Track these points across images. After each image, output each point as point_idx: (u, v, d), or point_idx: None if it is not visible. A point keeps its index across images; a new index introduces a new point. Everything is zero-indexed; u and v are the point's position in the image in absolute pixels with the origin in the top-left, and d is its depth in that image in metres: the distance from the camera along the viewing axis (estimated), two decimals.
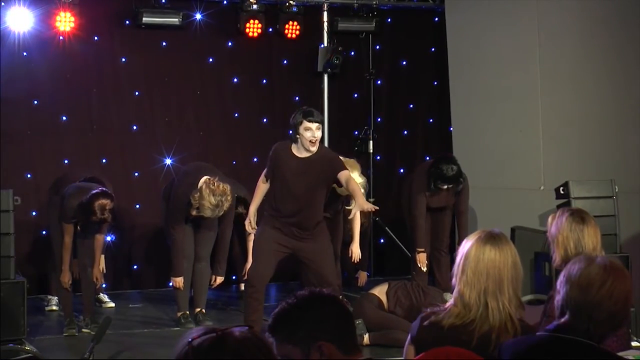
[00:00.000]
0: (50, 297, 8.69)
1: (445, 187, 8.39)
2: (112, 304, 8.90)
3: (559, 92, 8.92)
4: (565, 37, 8.88)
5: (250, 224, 7.21)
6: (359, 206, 6.73)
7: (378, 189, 10.49)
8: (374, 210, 6.84)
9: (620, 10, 8.56)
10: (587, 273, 3.14)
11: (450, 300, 3.66)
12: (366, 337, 7.42)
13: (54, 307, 8.59)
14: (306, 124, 6.91)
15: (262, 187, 7.22)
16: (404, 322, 7.23)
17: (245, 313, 7.17)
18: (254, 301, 7.09)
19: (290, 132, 7.04)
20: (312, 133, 6.90)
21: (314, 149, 6.96)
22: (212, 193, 7.57)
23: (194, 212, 7.73)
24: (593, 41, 8.72)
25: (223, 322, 8.01)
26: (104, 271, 8.38)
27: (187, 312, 8.10)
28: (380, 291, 7.70)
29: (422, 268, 8.42)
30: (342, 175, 6.93)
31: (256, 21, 9.82)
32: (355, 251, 8.41)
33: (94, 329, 7.38)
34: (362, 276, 9.46)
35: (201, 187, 7.61)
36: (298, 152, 7.00)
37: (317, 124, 6.95)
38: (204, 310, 8.21)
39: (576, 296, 3.12)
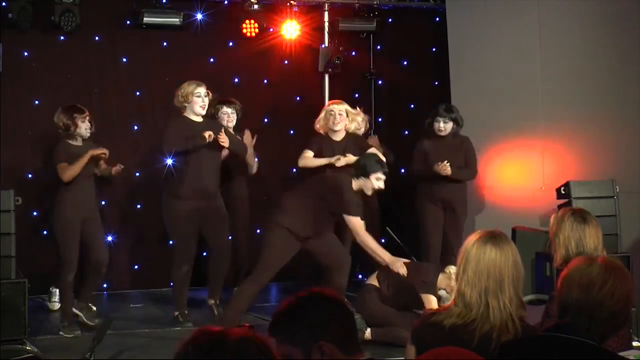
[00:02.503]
0: (53, 289, 8.52)
1: (441, 123, 8.53)
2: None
3: (559, 91, 8.93)
4: (565, 37, 8.89)
5: None
6: None
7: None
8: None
9: (620, 10, 8.59)
10: (588, 273, 3.17)
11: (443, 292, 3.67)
12: (367, 332, 7.43)
13: (58, 305, 8.37)
14: (379, 175, 7.26)
15: None
16: (408, 318, 7.23)
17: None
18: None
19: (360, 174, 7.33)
20: (381, 184, 7.30)
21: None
22: (190, 82, 7.98)
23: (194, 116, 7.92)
24: (594, 41, 8.74)
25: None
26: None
27: (185, 312, 8.08)
28: (373, 278, 7.68)
29: None
30: None
31: (257, 21, 9.81)
32: None
33: (88, 316, 7.51)
34: None
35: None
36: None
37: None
38: (218, 302, 8.18)
39: (577, 296, 3.15)
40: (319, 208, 7.32)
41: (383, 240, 10.53)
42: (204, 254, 8.57)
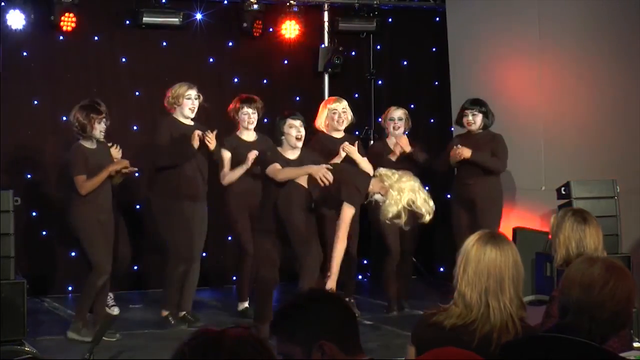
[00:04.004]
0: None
1: (470, 116, 8.37)
2: (117, 311, 8.26)
3: (560, 91, 8.89)
4: (566, 37, 8.86)
5: None
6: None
7: None
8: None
9: (621, 10, 8.56)
10: (589, 273, 3.17)
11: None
12: None
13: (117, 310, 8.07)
14: (290, 121, 7.38)
15: None
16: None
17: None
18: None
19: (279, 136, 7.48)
20: (295, 130, 7.35)
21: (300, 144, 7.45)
22: (182, 83, 8.01)
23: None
24: (594, 41, 8.70)
25: (221, 324, 7.97)
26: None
27: (175, 312, 8.03)
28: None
29: None
30: None
31: (257, 21, 9.79)
32: None
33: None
34: None
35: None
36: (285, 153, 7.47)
37: (299, 121, 7.44)
38: (190, 311, 8.11)
39: (578, 296, 3.15)
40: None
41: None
42: (204, 254, 8.51)
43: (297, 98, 10.29)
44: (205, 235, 8.14)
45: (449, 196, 9.72)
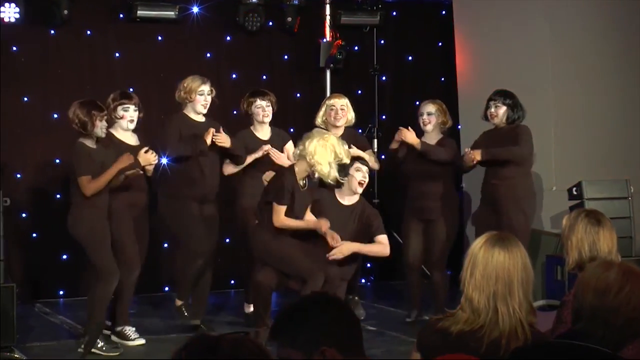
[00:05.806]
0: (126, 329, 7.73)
1: (492, 108, 7.90)
2: (142, 341, 7.67)
3: (570, 89, 8.80)
4: (576, 34, 8.79)
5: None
6: None
7: (383, 189, 10.24)
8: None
9: (631, 8, 8.66)
10: (605, 278, 3.18)
11: None
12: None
13: (137, 342, 7.64)
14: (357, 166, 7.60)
15: None
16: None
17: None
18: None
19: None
20: (360, 174, 7.57)
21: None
22: (194, 78, 7.80)
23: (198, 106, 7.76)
24: (605, 38, 8.68)
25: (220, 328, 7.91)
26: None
27: (188, 304, 7.80)
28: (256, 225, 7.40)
29: None
30: None
31: (255, 14, 9.70)
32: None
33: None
34: None
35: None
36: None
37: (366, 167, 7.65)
38: (188, 303, 7.87)
39: (592, 301, 3.13)
40: None
41: None
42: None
43: (298, 94, 10.22)
44: (215, 237, 7.88)
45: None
